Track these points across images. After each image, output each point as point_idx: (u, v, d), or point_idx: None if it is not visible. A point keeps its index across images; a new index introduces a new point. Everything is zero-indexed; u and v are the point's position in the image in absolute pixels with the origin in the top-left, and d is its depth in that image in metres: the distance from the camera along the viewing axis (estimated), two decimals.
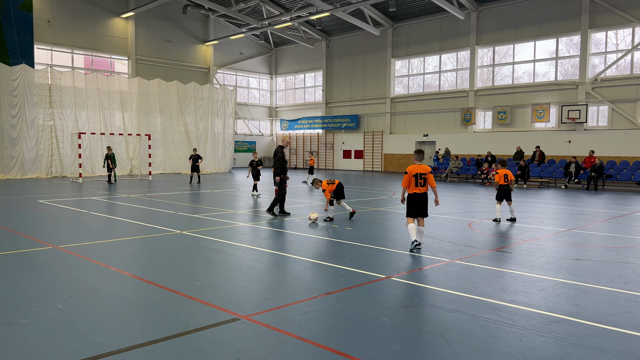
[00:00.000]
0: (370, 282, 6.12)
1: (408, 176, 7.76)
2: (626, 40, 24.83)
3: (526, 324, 4.71)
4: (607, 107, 25.14)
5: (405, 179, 7.79)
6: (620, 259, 7.57)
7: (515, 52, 28.60)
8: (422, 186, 7.72)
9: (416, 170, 7.74)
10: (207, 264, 7.12)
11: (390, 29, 33.69)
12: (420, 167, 7.78)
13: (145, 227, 10.29)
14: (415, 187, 7.73)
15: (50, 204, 13.97)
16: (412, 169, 7.77)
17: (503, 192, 11.36)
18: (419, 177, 7.71)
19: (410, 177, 7.73)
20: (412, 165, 7.84)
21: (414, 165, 7.82)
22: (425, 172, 7.78)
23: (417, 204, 7.74)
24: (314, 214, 11.02)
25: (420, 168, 7.76)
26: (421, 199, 7.75)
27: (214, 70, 37.96)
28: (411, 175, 7.73)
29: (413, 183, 7.72)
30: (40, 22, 28.75)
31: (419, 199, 7.75)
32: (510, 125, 28.46)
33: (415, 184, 7.71)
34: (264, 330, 4.50)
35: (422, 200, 7.75)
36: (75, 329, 4.53)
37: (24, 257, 7.33)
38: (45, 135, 26.02)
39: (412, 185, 7.74)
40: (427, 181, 7.78)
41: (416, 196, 7.75)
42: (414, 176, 7.73)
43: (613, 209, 14.26)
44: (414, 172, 7.74)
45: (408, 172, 7.76)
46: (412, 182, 7.73)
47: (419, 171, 7.73)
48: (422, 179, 7.72)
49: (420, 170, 7.75)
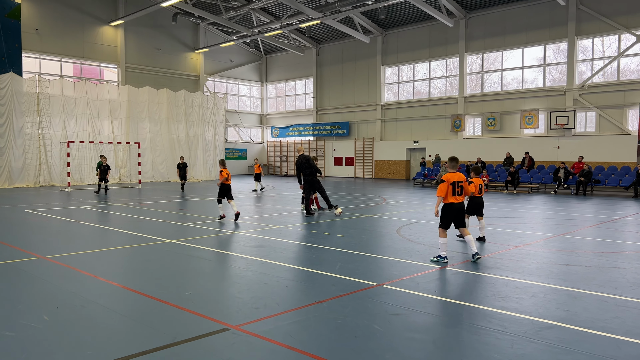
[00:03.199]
0: (362, 289, 6.09)
1: (446, 185, 7.33)
2: (612, 47, 25.17)
3: (517, 331, 4.70)
4: (595, 113, 25.42)
5: (443, 188, 7.35)
6: (610, 264, 7.61)
7: (503, 59, 28.88)
8: (459, 195, 7.37)
9: (453, 178, 7.37)
10: (197, 273, 7.06)
11: (380, 37, 33.90)
12: (457, 175, 7.42)
13: (134, 236, 10.19)
14: (452, 197, 7.33)
15: (37, 214, 13.80)
16: (449, 177, 7.36)
17: (476, 206, 9.31)
18: (456, 186, 7.35)
19: (448, 186, 7.33)
20: (448, 174, 7.42)
21: (451, 173, 7.44)
22: (462, 180, 7.45)
23: (454, 214, 7.39)
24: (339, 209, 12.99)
25: (456, 176, 7.40)
26: (459, 209, 7.41)
27: (204, 77, 37.91)
28: (449, 184, 7.33)
29: (450, 192, 7.33)
30: (29, 30, 28.57)
31: (457, 209, 7.40)
32: (500, 132, 28.67)
33: (453, 192, 7.32)
34: (254, 340, 4.45)
35: (460, 210, 7.42)
36: (62, 341, 4.45)
37: (10, 268, 7.21)
38: (33, 144, 25.78)
39: (449, 195, 7.34)
40: (464, 190, 7.47)
41: (454, 206, 7.38)
42: (452, 184, 7.34)
43: (602, 214, 14.37)
44: (452, 180, 7.34)
45: (446, 181, 7.33)
46: (449, 191, 7.35)
47: (456, 179, 7.36)
48: (460, 187, 7.39)
49: (457, 178, 7.40)
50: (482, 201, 9.36)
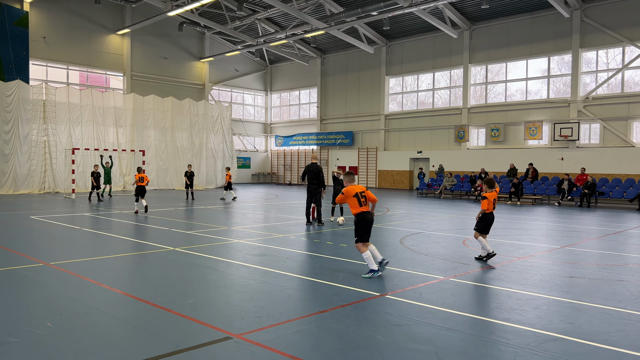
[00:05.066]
0: (365, 299, 6.08)
1: (344, 196, 7.54)
2: (617, 59, 25.20)
3: (520, 343, 4.68)
4: (599, 125, 25.40)
5: (341, 198, 7.62)
6: (614, 277, 7.58)
7: (507, 70, 28.94)
8: (366, 205, 7.54)
9: (355, 190, 7.54)
10: (200, 281, 7.06)
11: (385, 47, 34.05)
12: (357, 187, 7.60)
13: (138, 243, 10.22)
14: (361, 207, 7.48)
15: (42, 220, 13.85)
16: (349, 189, 7.55)
17: (490, 222, 8.80)
18: (360, 196, 7.51)
19: (352, 198, 7.49)
20: (348, 186, 7.62)
21: (351, 186, 7.61)
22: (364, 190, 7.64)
23: (368, 225, 7.51)
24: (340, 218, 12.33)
25: (357, 188, 7.58)
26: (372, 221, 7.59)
27: (209, 86, 38.12)
28: (351, 196, 7.50)
29: (357, 203, 7.48)
30: (36, 38, 28.84)
31: (371, 220, 7.55)
32: (504, 143, 28.66)
33: (359, 203, 7.48)
34: (256, 350, 4.45)
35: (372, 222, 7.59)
36: (65, 348, 4.46)
37: (14, 274, 7.24)
38: (39, 151, 25.93)
39: (356, 206, 7.50)
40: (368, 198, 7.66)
41: (367, 216, 7.51)
42: (355, 196, 7.49)
43: (606, 226, 14.31)
44: (354, 192, 7.51)
45: (345, 193, 7.54)
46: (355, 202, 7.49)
47: (358, 190, 7.54)
48: (363, 197, 7.55)
49: (358, 189, 7.56)
50: (493, 218, 8.88)
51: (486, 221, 8.75)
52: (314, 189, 13.62)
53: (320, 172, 13.75)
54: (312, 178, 13.68)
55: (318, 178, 13.66)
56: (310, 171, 13.73)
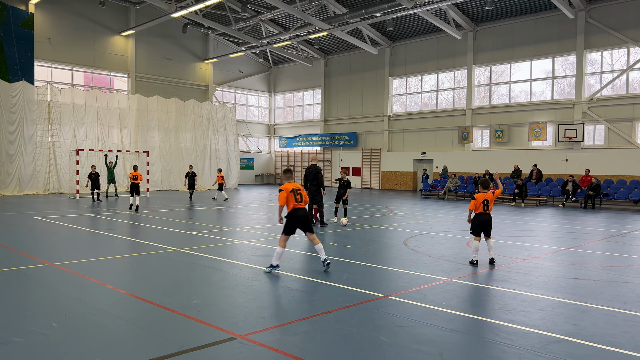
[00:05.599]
0: (368, 301, 6.08)
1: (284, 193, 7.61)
2: (621, 60, 25.12)
3: (525, 344, 4.67)
4: (604, 126, 25.31)
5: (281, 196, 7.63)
6: (619, 279, 7.55)
7: (512, 71, 28.88)
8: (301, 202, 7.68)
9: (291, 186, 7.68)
10: (204, 282, 7.07)
11: (388, 48, 34.04)
12: (293, 184, 7.75)
13: (142, 244, 10.24)
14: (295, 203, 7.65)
15: (46, 221, 13.91)
16: (287, 186, 7.68)
17: (481, 224, 8.49)
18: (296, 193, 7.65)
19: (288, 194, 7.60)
20: (285, 184, 7.75)
21: (288, 183, 7.75)
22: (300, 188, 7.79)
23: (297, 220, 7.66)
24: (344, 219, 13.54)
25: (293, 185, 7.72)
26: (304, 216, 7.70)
27: (213, 87, 38.18)
28: (288, 192, 7.61)
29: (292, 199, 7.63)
30: (41, 39, 28.96)
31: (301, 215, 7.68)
32: (508, 144, 28.59)
33: (295, 200, 7.63)
34: (260, 350, 4.45)
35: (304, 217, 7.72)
36: (70, 348, 4.48)
37: (19, 275, 7.27)
38: (43, 152, 26.03)
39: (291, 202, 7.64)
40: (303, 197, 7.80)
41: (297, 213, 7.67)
42: (292, 192, 7.63)
43: (611, 228, 14.26)
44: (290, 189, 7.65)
45: (283, 190, 7.63)
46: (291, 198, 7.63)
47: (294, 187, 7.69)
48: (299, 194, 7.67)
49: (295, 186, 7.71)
50: (489, 219, 8.53)
51: (477, 222, 8.50)
52: (314, 191, 13.43)
53: (319, 172, 13.49)
54: (311, 179, 13.49)
55: (317, 179, 13.46)
56: (309, 173, 13.56)
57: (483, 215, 8.53)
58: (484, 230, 8.55)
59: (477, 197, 8.57)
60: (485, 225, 8.54)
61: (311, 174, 13.52)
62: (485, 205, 8.53)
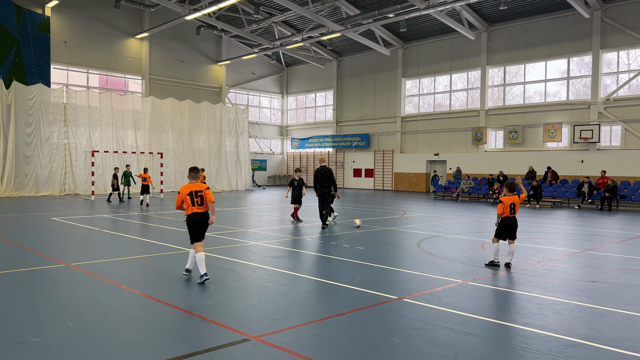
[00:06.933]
0: (382, 303, 6.05)
1: (180, 196, 7.16)
2: (638, 60, 24.74)
3: (542, 348, 4.61)
4: (620, 127, 24.95)
5: (178, 198, 7.21)
6: (637, 282, 7.43)
7: (526, 71, 28.60)
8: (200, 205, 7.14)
9: (190, 188, 7.12)
10: (217, 283, 7.10)
11: (401, 49, 33.93)
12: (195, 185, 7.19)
13: (156, 245, 10.31)
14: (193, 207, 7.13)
15: (62, 222, 14.07)
16: (184, 188, 7.18)
17: (507, 228, 8.38)
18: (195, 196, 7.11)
19: (185, 197, 7.12)
20: (186, 185, 7.24)
21: (188, 184, 7.22)
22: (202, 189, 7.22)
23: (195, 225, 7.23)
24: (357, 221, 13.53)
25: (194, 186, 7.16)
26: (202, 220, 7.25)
27: (226, 89, 38.38)
28: (185, 195, 7.11)
29: (189, 202, 7.11)
30: (57, 42, 29.35)
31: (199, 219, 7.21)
32: (522, 145, 28.31)
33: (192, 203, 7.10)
34: (274, 352, 4.45)
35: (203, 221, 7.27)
36: (86, 348, 4.52)
37: (36, 275, 7.36)
38: (59, 153, 26.36)
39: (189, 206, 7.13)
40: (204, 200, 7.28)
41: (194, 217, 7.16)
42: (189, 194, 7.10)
43: (628, 230, 14.04)
44: (188, 191, 7.11)
45: (180, 193, 7.16)
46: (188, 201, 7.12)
47: (194, 189, 7.11)
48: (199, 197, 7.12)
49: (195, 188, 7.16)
50: (515, 223, 8.40)
51: (503, 226, 8.37)
52: (326, 193, 13.42)
53: (331, 174, 13.52)
54: (323, 182, 13.44)
55: (329, 181, 13.44)
56: (321, 175, 13.50)
57: (509, 219, 8.38)
58: (510, 234, 8.43)
59: (504, 200, 8.38)
60: (511, 229, 8.42)
61: (323, 175, 13.49)
62: (511, 209, 8.39)
